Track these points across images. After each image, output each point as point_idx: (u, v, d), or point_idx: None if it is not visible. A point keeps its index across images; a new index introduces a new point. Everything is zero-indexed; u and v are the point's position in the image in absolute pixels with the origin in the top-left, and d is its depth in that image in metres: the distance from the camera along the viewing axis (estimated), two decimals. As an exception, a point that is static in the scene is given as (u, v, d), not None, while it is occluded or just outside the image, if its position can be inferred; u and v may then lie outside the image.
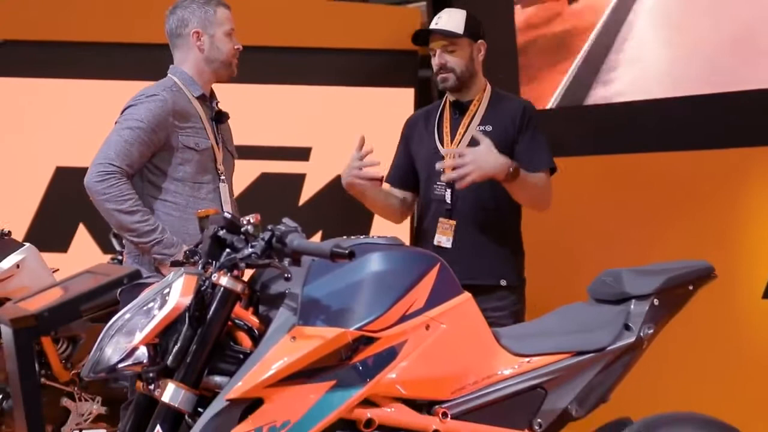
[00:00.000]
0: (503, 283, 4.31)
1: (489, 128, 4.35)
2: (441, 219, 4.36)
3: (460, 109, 4.46)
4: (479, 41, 4.44)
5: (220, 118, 4.40)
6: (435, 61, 4.44)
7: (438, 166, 4.26)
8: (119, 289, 3.11)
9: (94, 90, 7.47)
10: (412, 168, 4.53)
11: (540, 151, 4.38)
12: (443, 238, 4.34)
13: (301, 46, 7.82)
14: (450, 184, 4.35)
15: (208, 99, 4.38)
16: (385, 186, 4.54)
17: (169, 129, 4.17)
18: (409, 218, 5.10)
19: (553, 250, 6.08)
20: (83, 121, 7.40)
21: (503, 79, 6.11)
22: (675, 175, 6.98)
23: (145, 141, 4.12)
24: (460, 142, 4.37)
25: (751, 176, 6.68)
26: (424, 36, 4.48)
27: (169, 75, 4.35)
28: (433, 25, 4.44)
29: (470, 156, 4.12)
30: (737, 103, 6.63)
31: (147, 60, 4.65)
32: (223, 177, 4.34)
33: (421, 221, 4.54)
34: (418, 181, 4.55)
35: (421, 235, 4.48)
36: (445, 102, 4.53)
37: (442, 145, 4.41)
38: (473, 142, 4.27)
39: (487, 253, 4.33)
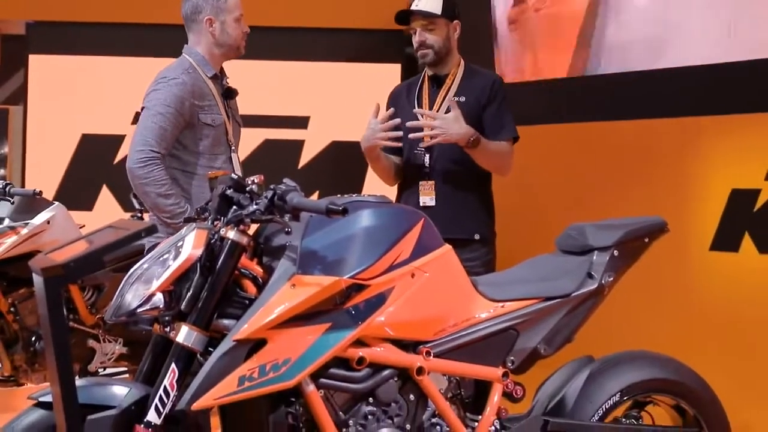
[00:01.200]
0: (476, 237, 4.32)
1: (462, 99, 4.34)
2: (421, 182, 4.36)
3: (437, 82, 4.45)
4: (455, 21, 4.43)
5: (229, 94, 4.37)
6: (415, 39, 4.42)
7: (409, 124, 4.24)
8: (147, 247, 3.10)
9: (115, 66, 7.50)
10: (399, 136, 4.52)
11: (505, 122, 4.38)
12: (427, 198, 4.34)
13: (301, 26, 7.88)
14: (429, 150, 4.35)
15: (219, 77, 4.35)
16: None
17: (191, 109, 4.15)
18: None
19: (522, 208, 6.07)
20: (105, 93, 7.43)
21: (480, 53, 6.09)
22: (633, 140, 6.98)
23: (174, 123, 4.11)
24: (436, 111, 4.35)
25: (699, 142, 6.69)
26: (405, 16, 4.46)
27: (184, 55, 4.30)
28: (414, 7, 4.41)
29: (439, 121, 4.17)
30: (683, 78, 6.66)
31: (163, 39, 4.61)
32: (233, 147, 4.33)
33: (403, 183, 4.53)
34: None
35: (404, 195, 4.47)
36: (424, 76, 4.52)
37: (422, 115, 4.38)
38: (449, 111, 4.27)
39: (462, 211, 4.33)
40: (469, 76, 4.45)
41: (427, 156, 4.38)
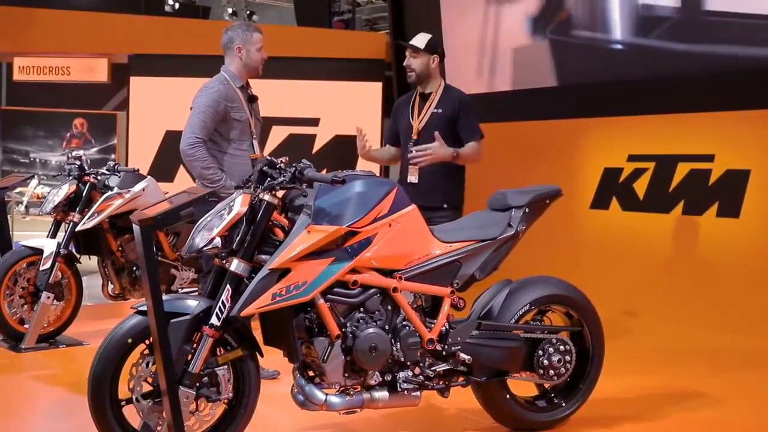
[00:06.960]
0: (445, 205, 4.18)
1: (440, 110, 4.25)
2: (410, 166, 4.26)
3: (423, 97, 4.33)
4: (434, 55, 4.28)
5: (252, 99, 4.30)
6: (405, 62, 4.36)
7: (416, 149, 4.15)
8: (192, 203, 3.07)
9: (187, 83, 7.34)
10: (398, 133, 4.44)
11: (473, 127, 4.26)
12: (413, 177, 4.22)
13: (315, 57, 7.95)
14: (415, 144, 4.24)
15: (245, 88, 4.27)
16: (385, 146, 4.56)
17: (225, 108, 4.07)
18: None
19: (478, 182, 6.07)
20: (181, 102, 7.33)
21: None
22: (541, 134, 6.98)
23: (212, 118, 4.04)
24: (422, 118, 4.27)
25: (584, 135, 6.71)
26: (404, 47, 4.41)
27: (221, 72, 4.23)
28: (410, 41, 4.35)
29: (431, 149, 4.09)
30: (574, 91, 6.62)
31: (212, 65, 4.52)
32: (255, 136, 4.25)
33: (400, 165, 4.44)
34: None
35: (401, 174, 4.40)
36: (417, 92, 4.39)
37: (412, 120, 4.31)
38: (431, 121, 4.22)
39: (434, 187, 4.18)
40: (446, 93, 4.31)
41: (414, 150, 4.23)
